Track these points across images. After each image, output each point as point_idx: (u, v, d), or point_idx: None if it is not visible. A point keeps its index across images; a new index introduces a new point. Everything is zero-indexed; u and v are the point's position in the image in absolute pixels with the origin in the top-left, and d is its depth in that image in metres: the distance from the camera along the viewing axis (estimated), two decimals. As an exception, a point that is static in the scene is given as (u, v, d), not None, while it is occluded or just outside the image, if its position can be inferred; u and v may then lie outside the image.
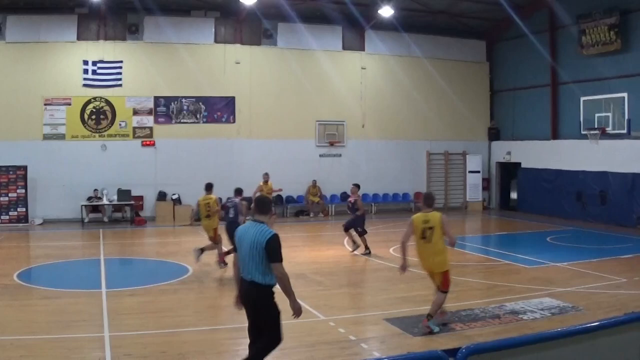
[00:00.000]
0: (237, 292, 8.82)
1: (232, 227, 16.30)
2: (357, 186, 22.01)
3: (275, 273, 8.31)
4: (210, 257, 19.71)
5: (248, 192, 22.83)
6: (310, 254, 20.98)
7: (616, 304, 14.13)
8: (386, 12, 31.45)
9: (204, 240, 20.08)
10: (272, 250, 8.21)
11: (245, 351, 9.16)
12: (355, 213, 21.39)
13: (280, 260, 8.29)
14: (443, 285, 11.88)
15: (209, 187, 20.32)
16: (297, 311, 8.69)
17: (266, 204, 8.81)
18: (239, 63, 31.97)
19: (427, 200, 11.28)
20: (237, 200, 19.19)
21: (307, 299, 14.07)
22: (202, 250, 18.50)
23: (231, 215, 18.74)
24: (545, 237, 25.05)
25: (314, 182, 32.50)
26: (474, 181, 37.20)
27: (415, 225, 11.86)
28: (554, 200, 32.09)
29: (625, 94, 26.31)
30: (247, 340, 9.01)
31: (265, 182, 27.30)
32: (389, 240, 24.23)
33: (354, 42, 34.89)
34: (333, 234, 26.58)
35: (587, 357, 6.26)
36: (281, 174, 31.77)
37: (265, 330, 8.65)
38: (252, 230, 8.41)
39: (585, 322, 6.63)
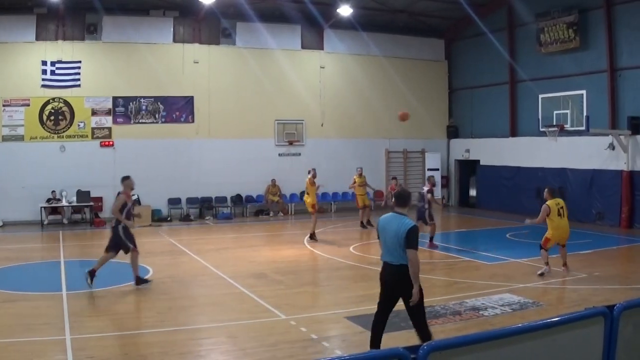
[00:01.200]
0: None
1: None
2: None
3: (408, 257, 9.21)
4: (172, 259, 19.71)
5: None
6: (270, 254, 20.93)
7: (577, 299, 14.24)
8: (345, 11, 31.47)
9: (163, 241, 19.97)
10: (411, 238, 9.22)
11: (206, 351, 9.18)
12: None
13: (416, 248, 9.28)
14: None
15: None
16: (415, 295, 9.33)
17: (405, 198, 9.85)
18: (197, 62, 31.71)
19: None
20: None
21: (267, 298, 14.09)
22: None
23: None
24: (504, 234, 25.19)
25: (273, 181, 32.38)
26: (433, 179, 37.34)
27: None
28: (513, 197, 32.30)
29: (584, 91, 26.52)
30: (209, 340, 9.37)
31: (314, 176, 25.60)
32: (350, 238, 24.28)
33: (313, 41, 34.87)
34: (293, 233, 26.57)
35: (549, 352, 6.27)
36: (240, 174, 31.79)
37: (414, 307, 9.46)
38: (395, 220, 9.52)
39: (546, 317, 6.64)
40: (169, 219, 30.00)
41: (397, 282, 9.47)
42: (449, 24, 37.69)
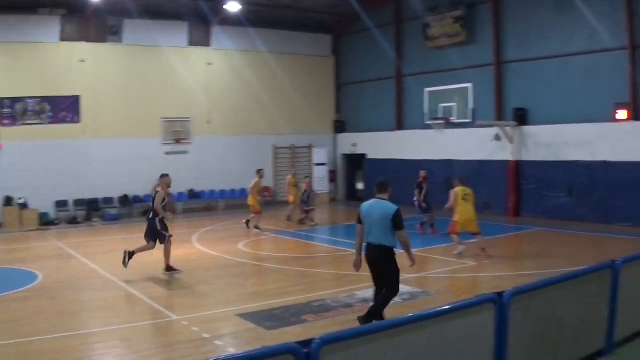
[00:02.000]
0: (358, 256, 11.38)
1: None
2: None
3: (399, 237, 10.84)
4: (61, 263, 19.50)
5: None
6: (159, 254, 20.73)
7: (466, 287, 14.75)
8: (233, 7, 31.48)
9: (51, 245, 19.67)
10: (397, 220, 10.75)
11: (99, 356, 9.34)
12: None
13: (403, 228, 10.84)
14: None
15: None
16: (413, 260, 11.43)
17: (386, 186, 11.30)
18: (84, 61, 31.03)
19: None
20: None
21: (158, 299, 14.10)
22: None
23: None
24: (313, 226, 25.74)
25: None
26: (320, 174, 37.70)
27: None
28: (400, 189, 32.53)
29: (470, 84, 27.23)
30: (102, 345, 9.56)
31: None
32: (238, 235, 24.37)
33: (200, 37, 34.67)
34: (182, 233, 26.39)
35: (441, 340, 6.57)
36: (128, 173, 31.41)
37: (388, 283, 11.13)
38: (378, 205, 10.95)
39: (437, 306, 6.91)
40: (56, 222, 29.44)
41: (377, 259, 11.03)
42: (337, 20, 38.13)
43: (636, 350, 9.41)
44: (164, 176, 17.78)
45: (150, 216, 17.34)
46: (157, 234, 17.24)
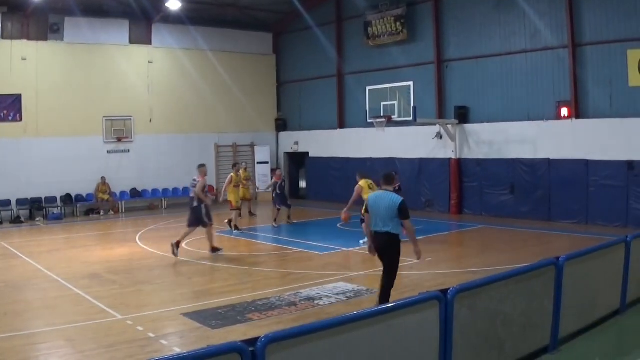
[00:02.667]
0: (371, 243, 12.11)
1: None
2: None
3: (405, 226, 11.54)
4: (4, 263, 19.31)
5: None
6: (102, 253, 20.67)
7: (410, 284, 14.81)
8: (174, 5, 31.30)
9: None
10: (404, 210, 11.44)
11: (44, 356, 9.52)
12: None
13: (409, 217, 11.55)
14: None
15: None
16: (418, 254, 11.93)
17: (392, 178, 12.10)
18: (25, 59, 30.57)
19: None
20: None
21: (102, 299, 13.98)
22: None
23: None
24: (335, 224, 25.66)
25: (103, 179, 31.89)
26: (263, 172, 37.65)
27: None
28: (343, 187, 32.73)
29: (411, 83, 27.42)
30: (47, 345, 9.84)
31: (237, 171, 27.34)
32: (181, 234, 24.26)
33: (141, 35, 34.36)
34: (125, 232, 26.33)
35: (387, 337, 6.62)
36: (69, 173, 31.10)
37: (387, 266, 11.89)
38: (385, 196, 11.67)
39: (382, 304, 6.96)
40: (0, 221, 29.06)
41: (383, 245, 11.69)
42: (277, 18, 38.18)
43: (581, 346, 9.57)
44: (201, 166, 19.70)
45: (195, 204, 19.36)
46: (200, 220, 19.37)
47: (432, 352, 7.12)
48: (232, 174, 26.48)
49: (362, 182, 19.91)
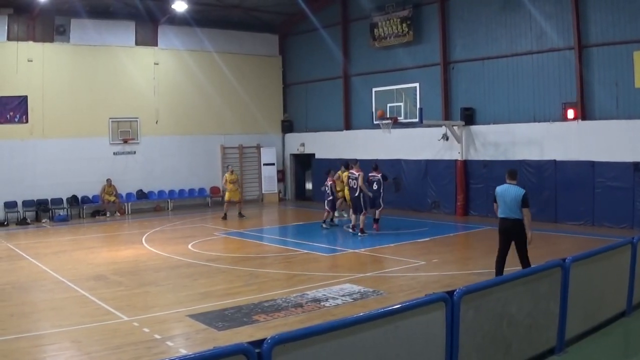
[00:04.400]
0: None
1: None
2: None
3: (524, 213, 13.69)
4: (10, 264, 19.27)
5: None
6: (108, 255, 20.66)
7: (416, 286, 14.79)
8: (180, 6, 31.24)
9: (0, 246, 19.49)
10: (526, 200, 13.71)
11: (51, 358, 9.50)
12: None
13: (529, 206, 13.80)
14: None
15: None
16: (530, 239, 13.86)
17: (515, 173, 14.31)
18: (31, 61, 30.56)
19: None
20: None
21: (108, 300, 13.99)
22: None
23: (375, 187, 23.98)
24: (341, 225, 25.78)
25: (109, 181, 31.83)
26: (269, 173, 37.67)
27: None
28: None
29: (417, 84, 27.37)
30: (53, 346, 9.85)
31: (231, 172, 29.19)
32: (187, 236, 24.26)
33: (147, 37, 34.36)
34: (130, 233, 26.29)
35: (393, 339, 6.60)
36: (76, 174, 31.10)
37: (520, 244, 13.94)
38: (511, 189, 13.97)
39: (388, 305, 6.94)
40: (5, 223, 28.97)
41: (511, 230, 13.91)
42: (283, 19, 38.15)
43: (588, 347, 9.56)
44: (355, 162, 23.97)
45: (357, 194, 23.04)
46: (360, 208, 23.02)
47: (438, 354, 7.11)
48: (225, 175, 28.85)
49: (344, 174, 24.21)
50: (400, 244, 20.87)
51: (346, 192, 25.26)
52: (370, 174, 24.29)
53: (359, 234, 22.97)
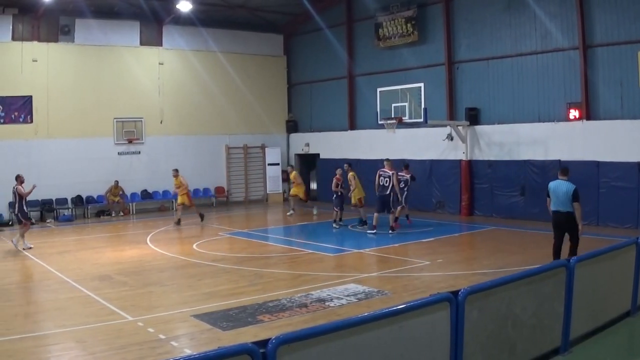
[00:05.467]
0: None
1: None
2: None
3: (575, 207, 14.99)
4: (15, 264, 19.28)
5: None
6: (113, 255, 20.67)
7: (421, 285, 14.81)
8: (184, 6, 31.28)
9: (5, 246, 19.47)
10: (576, 195, 14.98)
11: (55, 357, 9.67)
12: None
13: (579, 200, 15.02)
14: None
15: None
16: (581, 231, 15.14)
17: (567, 170, 15.72)
18: (36, 61, 30.60)
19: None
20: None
21: (113, 300, 14.00)
22: None
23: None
24: (346, 225, 25.78)
25: (116, 182, 31.79)
26: (273, 173, 37.68)
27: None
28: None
29: (422, 84, 27.32)
30: (57, 346, 10.06)
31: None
32: (192, 236, 24.34)
33: (152, 37, 34.40)
34: (135, 233, 26.32)
35: (397, 339, 6.58)
36: (80, 174, 31.12)
37: (573, 236, 15.15)
38: (563, 184, 15.30)
39: (392, 305, 6.93)
40: (10, 223, 28.99)
41: (564, 223, 15.25)
42: (288, 19, 38.20)
43: (592, 348, 9.54)
44: (388, 160, 24.11)
45: (388, 192, 23.16)
46: (387, 206, 23.26)
47: (442, 354, 7.09)
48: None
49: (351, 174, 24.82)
50: (404, 244, 20.89)
51: (356, 192, 25.46)
52: (400, 173, 24.58)
53: (389, 232, 23.34)
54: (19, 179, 22.91)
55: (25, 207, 22.80)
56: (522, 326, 8.26)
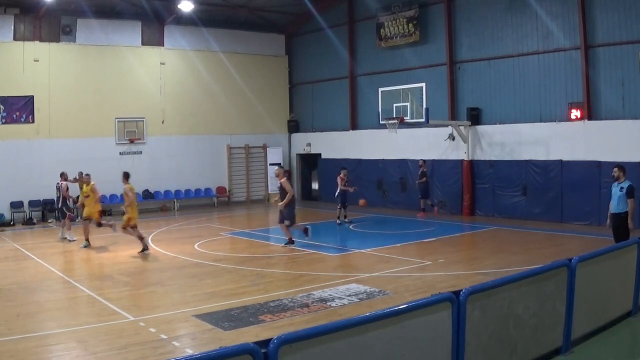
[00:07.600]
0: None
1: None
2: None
3: (629, 204, 15.51)
4: (17, 264, 19.30)
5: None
6: (114, 255, 20.67)
7: (422, 285, 14.79)
8: (186, 6, 31.35)
9: (7, 246, 19.48)
10: (630, 192, 15.55)
11: (57, 357, 9.67)
12: None
13: (633, 197, 15.64)
14: None
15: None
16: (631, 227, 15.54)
17: (624, 170, 16.06)
18: (37, 61, 30.66)
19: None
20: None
21: (114, 300, 14.01)
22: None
23: None
24: (347, 225, 25.77)
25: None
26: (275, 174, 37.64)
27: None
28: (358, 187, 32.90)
29: (423, 84, 27.31)
30: (59, 346, 9.77)
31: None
32: (194, 236, 24.33)
33: (153, 37, 34.45)
34: (137, 233, 26.32)
35: (399, 339, 6.58)
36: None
37: (624, 235, 15.39)
38: (617, 185, 15.87)
39: (394, 305, 6.93)
40: (12, 223, 29.04)
41: (621, 223, 15.73)
42: (289, 19, 38.23)
43: (594, 348, 9.54)
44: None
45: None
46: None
47: (444, 354, 7.09)
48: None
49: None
50: (406, 244, 20.88)
51: None
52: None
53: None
54: (64, 176, 24.06)
55: (68, 202, 24.14)
56: (523, 326, 8.26)
